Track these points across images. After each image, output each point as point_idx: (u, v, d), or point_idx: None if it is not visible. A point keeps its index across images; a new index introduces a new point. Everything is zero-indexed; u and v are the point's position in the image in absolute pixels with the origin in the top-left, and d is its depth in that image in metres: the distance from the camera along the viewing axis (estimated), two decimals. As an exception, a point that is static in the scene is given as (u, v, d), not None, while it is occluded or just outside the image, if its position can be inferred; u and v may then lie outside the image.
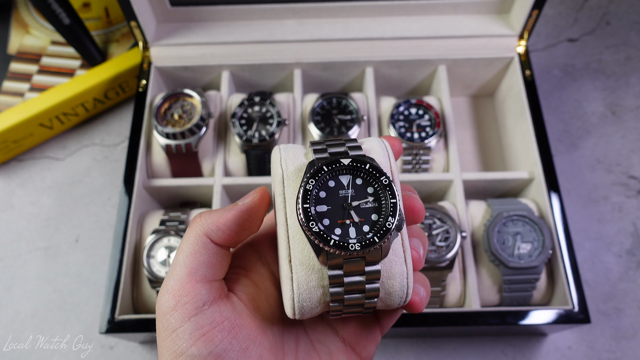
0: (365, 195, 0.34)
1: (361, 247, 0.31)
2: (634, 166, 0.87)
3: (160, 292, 0.33)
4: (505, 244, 0.70)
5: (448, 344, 0.75)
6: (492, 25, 0.84)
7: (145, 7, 0.80)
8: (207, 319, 0.32)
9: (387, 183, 0.33)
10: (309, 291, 0.33)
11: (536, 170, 0.75)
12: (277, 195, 0.34)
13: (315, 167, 0.33)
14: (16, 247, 0.82)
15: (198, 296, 0.32)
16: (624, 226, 0.82)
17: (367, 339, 0.38)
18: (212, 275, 0.34)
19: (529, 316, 0.65)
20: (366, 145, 0.36)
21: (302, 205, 0.32)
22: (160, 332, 0.32)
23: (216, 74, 0.86)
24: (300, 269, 0.33)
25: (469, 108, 0.94)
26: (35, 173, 0.88)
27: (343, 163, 0.34)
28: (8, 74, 0.89)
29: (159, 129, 0.75)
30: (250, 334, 0.33)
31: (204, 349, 0.31)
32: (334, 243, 0.31)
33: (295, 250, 0.33)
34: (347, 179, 0.34)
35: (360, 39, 0.83)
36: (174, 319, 0.32)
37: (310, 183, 0.33)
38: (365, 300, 0.33)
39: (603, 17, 1.02)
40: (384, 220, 0.32)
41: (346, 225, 0.33)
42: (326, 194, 0.34)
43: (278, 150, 0.36)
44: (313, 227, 0.32)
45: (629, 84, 0.95)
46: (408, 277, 0.34)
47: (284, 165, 0.35)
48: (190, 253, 0.34)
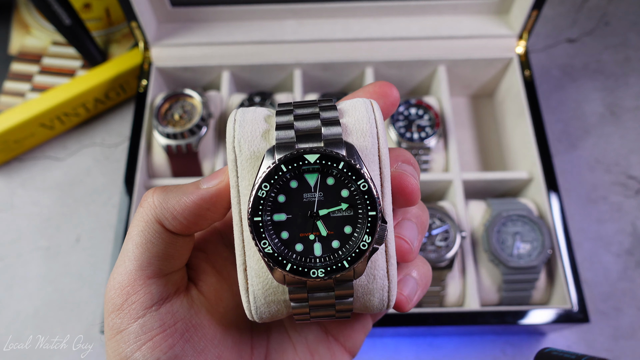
0: (337, 201, 0.26)
1: (325, 273, 0.25)
2: (632, 166, 0.87)
3: (108, 286, 0.29)
4: (505, 243, 0.70)
5: (448, 343, 0.75)
6: (492, 26, 0.84)
7: (146, 7, 0.80)
8: (156, 322, 0.28)
9: (366, 189, 0.26)
10: (267, 305, 0.28)
11: (535, 170, 0.75)
12: (232, 187, 0.28)
13: (270, 168, 0.26)
14: (17, 246, 0.82)
15: (148, 295, 0.28)
16: (623, 226, 0.82)
17: (354, 328, 0.33)
18: (168, 268, 0.29)
19: (528, 316, 0.65)
20: (348, 117, 0.28)
21: (252, 218, 0.26)
22: (106, 331, 0.29)
23: (216, 74, 0.86)
24: (257, 282, 0.28)
25: (469, 108, 0.94)
26: (36, 173, 0.88)
27: (308, 160, 0.26)
28: (9, 74, 0.90)
29: (160, 129, 0.75)
30: (208, 333, 0.30)
31: (150, 355, 0.27)
32: (292, 268, 0.25)
33: (251, 260, 0.28)
34: (314, 179, 0.26)
35: (360, 39, 0.83)
36: (120, 319, 0.28)
37: (263, 188, 0.26)
38: (337, 314, 0.28)
39: (602, 18, 1.02)
40: (359, 237, 0.26)
41: (310, 241, 0.26)
42: (286, 199, 0.26)
43: (232, 124, 0.28)
44: (265, 248, 0.25)
45: (628, 84, 0.95)
46: (390, 291, 0.28)
47: (238, 148, 0.28)
48: (141, 243, 0.28)
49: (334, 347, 0.33)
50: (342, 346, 0.33)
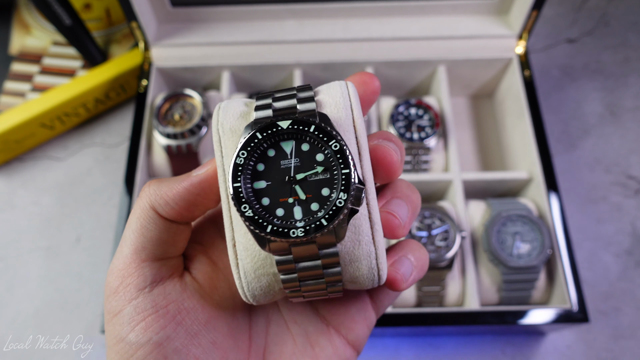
0: (312, 165, 0.28)
1: (305, 232, 0.26)
2: (632, 166, 0.87)
3: (108, 272, 0.30)
4: (505, 243, 0.70)
5: (448, 343, 0.75)
6: (492, 26, 0.84)
7: (146, 7, 0.80)
8: (148, 303, 0.29)
9: (338, 148, 0.27)
10: (258, 279, 0.29)
11: (535, 170, 0.75)
12: (218, 167, 0.29)
13: (247, 135, 0.27)
14: (17, 246, 0.82)
15: (141, 277, 0.29)
16: (623, 226, 0.82)
17: (355, 320, 0.33)
18: (162, 253, 0.30)
19: (528, 315, 0.65)
20: (323, 94, 0.30)
21: (233, 185, 0.27)
22: (105, 315, 0.30)
23: (217, 74, 0.86)
24: (245, 255, 0.28)
25: (469, 108, 0.94)
26: (37, 173, 0.89)
27: (281, 127, 0.27)
28: (9, 74, 0.90)
29: (160, 129, 0.75)
30: (201, 318, 0.30)
31: (142, 336, 0.28)
32: (272, 230, 0.26)
33: (239, 234, 0.29)
34: (290, 146, 0.28)
35: (360, 39, 0.84)
36: (116, 301, 0.29)
37: (241, 156, 0.27)
38: (327, 287, 0.29)
39: (602, 18, 1.02)
40: (335, 197, 0.27)
41: (289, 205, 0.27)
42: (265, 167, 0.28)
43: (217, 111, 0.30)
44: (246, 212, 0.26)
45: (627, 84, 0.95)
46: (378, 258, 0.29)
47: (221, 129, 0.29)
48: (136, 229, 0.30)
49: (335, 339, 0.32)
50: (344, 339, 0.33)
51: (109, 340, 0.29)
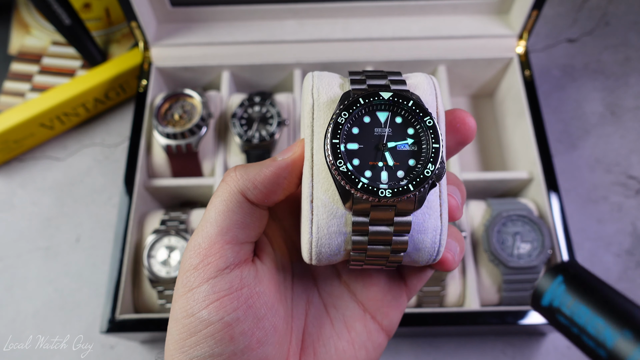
0: (404, 137, 0.30)
1: (392, 194, 0.28)
2: (633, 166, 0.87)
3: (187, 248, 0.31)
4: (505, 243, 0.70)
5: (448, 343, 0.75)
6: (492, 26, 0.84)
7: (146, 7, 0.80)
8: (225, 284, 0.30)
9: (431, 124, 0.29)
10: (329, 236, 0.30)
11: (535, 170, 0.75)
12: (305, 127, 0.31)
13: (350, 99, 0.29)
14: (17, 246, 0.82)
15: (223, 258, 0.30)
16: (623, 226, 0.82)
17: (391, 305, 0.34)
18: (244, 237, 0.32)
19: (528, 316, 0.65)
20: (412, 80, 0.32)
21: (331, 141, 0.29)
22: (178, 288, 0.31)
23: (216, 74, 0.86)
24: (322, 212, 0.30)
25: (469, 108, 0.94)
26: (36, 173, 0.88)
27: (382, 97, 0.30)
28: (9, 74, 0.90)
29: (160, 129, 0.75)
30: (269, 301, 0.31)
31: (215, 314, 0.29)
32: (362, 186, 0.28)
33: (319, 191, 0.30)
34: (385, 116, 0.30)
35: (360, 39, 0.83)
36: (194, 277, 0.30)
37: (342, 116, 0.29)
38: (390, 254, 0.30)
39: (602, 18, 1.02)
40: (422, 167, 0.29)
41: (378, 168, 0.29)
42: (359, 131, 0.30)
43: (311, 77, 0.32)
44: (341, 167, 0.28)
45: (628, 84, 0.95)
46: (442, 234, 0.31)
47: (316, 93, 0.31)
48: (223, 211, 0.31)
49: (370, 325, 0.34)
50: (379, 325, 0.34)
51: (176, 313, 0.30)
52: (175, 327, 0.30)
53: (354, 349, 0.34)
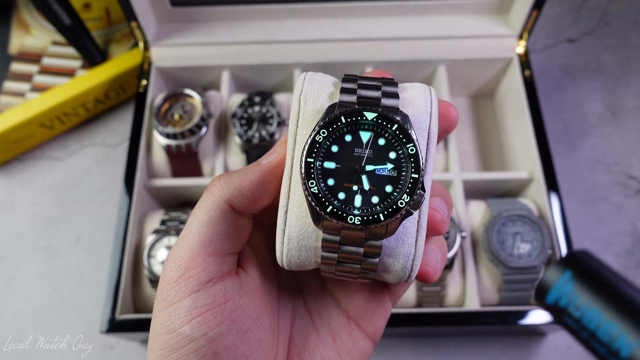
0: (384, 161, 0.29)
1: (361, 222, 0.27)
2: (633, 166, 0.87)
3: (167, 260, 0.30)
4: (505, 243, 0.70)
5: (448, 343, 0.75)
6: (492, 26, 0.84)
7: (146, 7, 0.80)
8: (208, 298, 0.29)
9: (414, 152, 0.28)
10: (299, 249, 0.30)
11: (535, 170, 0.75)
12: (290, 134, 0.30)
13: (332, 116, 0.28)
14: (17, 247, 0.82)
15: (205, 271, 0.29)
16: (623, 226, 0.82)
17: (375, 312, 0.34)
18: (227, 249, 0.31)
19: (528, 316, 0.65)
20: (407, 93, 0.31)
21: (306, 159, 0.28)
22: (158, 302, 0.30)
23: (216, 74, 0.86)
24: (295, 224, 0.30)
25: (469, 108, 0.94)
26: (36, 173, 0.88)
27: (366, 117, 0.28)
28: (9, 74, 0.90)
29: (160, 129, 0.75)
30: (253, 314, 0.30)
31: (198, 330, 0.28)
32: (332, 211, 0.27)
33: (294, 203, 0.30)
34: (368, 136, 0.29)
35: (360, 39, 0.83)
36: (175, 291, 0.29)
37: (321, 134, 0.28)
38: (360, 272, 0.30)
39: (602, 18, 1.02)
40: (398, 196, 0.28)
41: (352, 192, 0.28)
42: (339, 149, 0.29)
43: (302, 82, 0.31)
44: (312, 187, 0.28)
45: (628, 84, 0.95)
46: (415, 260, 0.30)
47: (303, 101, 0.30)
48: (207, 221, 0.30)
49: (355, 333, 0.34)
50: (363, 332, 0.34)
51: (157, 328, 0.29)
52: (156, 343, 0.29)
53: (340, 358, 0.33)
